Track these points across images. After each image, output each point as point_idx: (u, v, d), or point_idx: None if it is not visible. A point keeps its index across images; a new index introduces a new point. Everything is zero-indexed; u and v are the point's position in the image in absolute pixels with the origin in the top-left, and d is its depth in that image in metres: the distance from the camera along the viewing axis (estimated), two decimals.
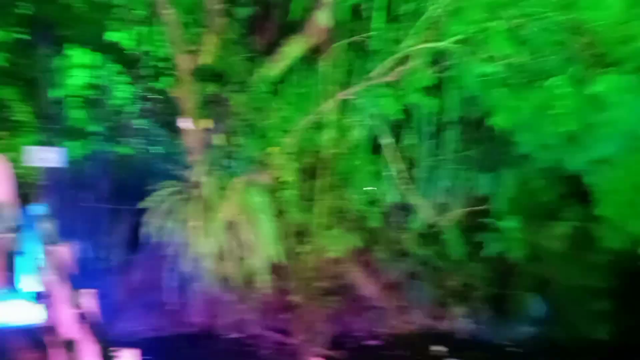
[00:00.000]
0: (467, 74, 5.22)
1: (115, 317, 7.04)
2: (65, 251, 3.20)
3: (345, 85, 6.06)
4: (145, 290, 8.62)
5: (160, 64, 7.74)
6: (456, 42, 4.87)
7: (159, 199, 5.46)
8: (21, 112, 9.82)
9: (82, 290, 2.35)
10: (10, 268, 4.67)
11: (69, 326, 2.71)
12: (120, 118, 8.50)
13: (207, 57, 5.04)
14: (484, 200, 7.74)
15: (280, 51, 6.17)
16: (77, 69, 9.39)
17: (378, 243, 7.30)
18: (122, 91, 9.02)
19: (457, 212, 7.34)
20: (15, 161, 11.07)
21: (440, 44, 4.94)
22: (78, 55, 9.41)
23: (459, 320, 7.74)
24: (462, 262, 7.56)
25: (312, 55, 6.17)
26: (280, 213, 6.13)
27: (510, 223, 7.37)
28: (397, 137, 6.73)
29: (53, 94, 8.52)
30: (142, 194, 8.62)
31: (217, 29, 5.07)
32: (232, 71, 5.55)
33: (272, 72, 6.26)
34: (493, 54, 4.79)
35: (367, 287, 7.31)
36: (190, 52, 5.10)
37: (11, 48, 9.09)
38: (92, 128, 8.71)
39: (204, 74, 5.35)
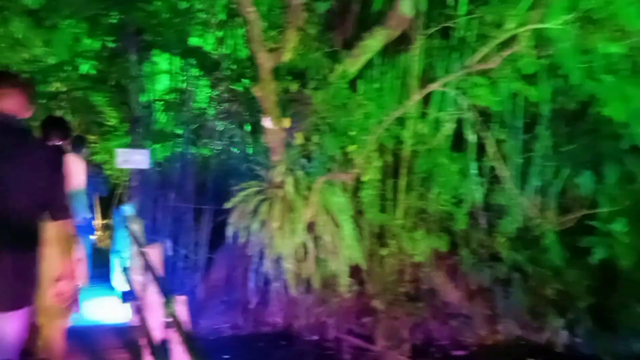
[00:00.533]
0: (572, 59, 4.65)
1: (197, 314, 7.18)
2: (156, 252, 3.18)
3: (431, 77, 5.69)
4: (226, 289, 8.77)
5: (240, 66, 7.83)
6: (566, 22, 4.34)
7: (241, 200, 5.43)
8: (111, 117, 10.42)
9: (174, 296, 2.24)
10: (94, 263, 4.80)
11: (159, 329, 2.65)
12: (202, 120, 8.70)
13: (287, 54, 4.92)
14: (584, 200, 7.00)
15: (361, 45, 5.93)
16: (162, 74, 9.77)
17: (464, 246, 6.82)
18: (203, 94, 9.26)
19: (554, 213, 6.68)
20: (107, 163, 11.83)
21: (548, 25, 4.42)
22: (163, 60, 9.79)
23: (556, 332, 7.04)
24: (559, 268, 6.87)
25: (395, 48, 5.87)
26: (360, 213, 5.90)
27: (616, 226, 6.60)
28: (488, 131, 6.23)
29: (140, 98, 8.94)
30: (224, 195, 8.81)
31: (298, 25, 4.94)
32: (313, 68, 5.40)
33: (353, 67, 6.03)
34: (615, 32, 4.18)
35: (452, 293, 6.86)
36: (271, 50, 5.00)
37: (100, 56, 9.63)
38: (176, 130, 9.03)
39: (285, 72, 5.25)
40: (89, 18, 8.31)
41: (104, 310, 5.08)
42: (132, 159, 8.05)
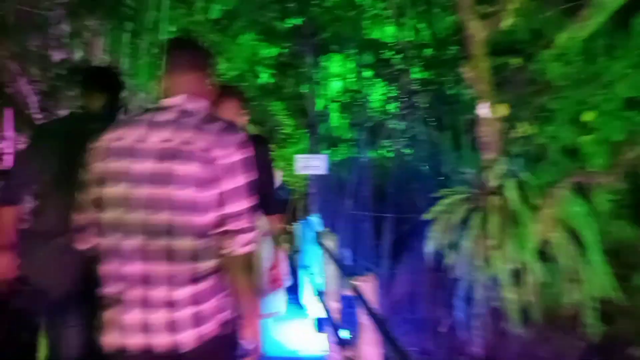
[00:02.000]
0: None
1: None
2: (369, 287, 2.36)
3: None
4: (410, 307, 7.89)
5: (423, 53, 6.82)
6: None
7: (444, 209, 4.38)
8: (287, 124, 10.36)
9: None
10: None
11: None
12: (380, 120, 7.92)
13: (508, 18, 3.76)
14: None
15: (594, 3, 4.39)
16: (335, 77, 9.31)
17: None
18: (379, 92, 8.50)
19: None
20: (283, 170, 11.96)
21: None
22: (335, 63, 9.34)
23: None
24: None
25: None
26: (611, 229, 4.36)
27: None
28: None
29: (316, 103, 8.55)
30: (407, 201, 7.89)
31: None
32: (537, 36, 4.12)
33: (581, 32, 4.50)
34: None
35: None
36: (485, 16, 3.89)
37: (277, 64, 9.56)
38: (351, 133, 8.43)
39: (501, 44, 4.08)
40: (265, 25, 8.19)
41: (294, 334, 4.50)
42: (310, 165, 7.70)
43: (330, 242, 3.57)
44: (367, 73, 8.05)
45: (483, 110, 3.94)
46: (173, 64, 1.62)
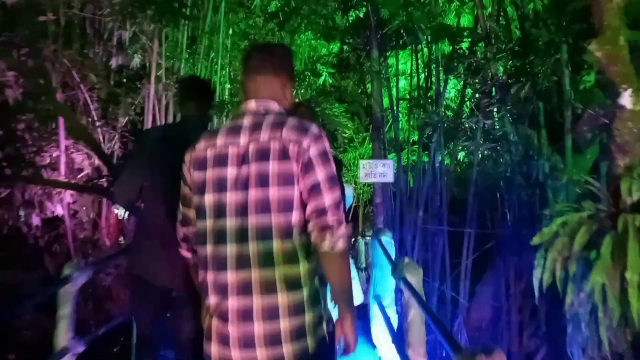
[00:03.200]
0: None
1: None
2: None
3: None
4: (492, 333, 6.83)
5: (511, 39, 5.75)
6: None
7: (556, 230, 3.37)
8: (347, 127, 9.55)
9: None
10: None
11: None
12: (458, 118, 6.90)
13: None
14: None
15: None
16: (401, 76, 8.42)
17: None
18: (456, 87, 7.48)
19: None
20: (344, 176, 11.09)
21: None
22: (405, 56, 8.46)
23: None
24: None
25: None
26: None
27: None
28: None
29: (383, 103, 7.65)
30: (494, 214, 6.82)
31: None
32: None
33: None
34: None
35: None
36: None
37: (338, 62, 8.81)
38: (420, 135, 7.47)
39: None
40: (325, 18, 7.41)
41: None
42: (376, 172, 6.85)
43: (415, 277, 2.70)
44: (440, 66, 7.07)
45: (625, 99, 2.91)
46: (253, 68, 1.64)
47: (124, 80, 10.45)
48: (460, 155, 7.39)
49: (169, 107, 9.77)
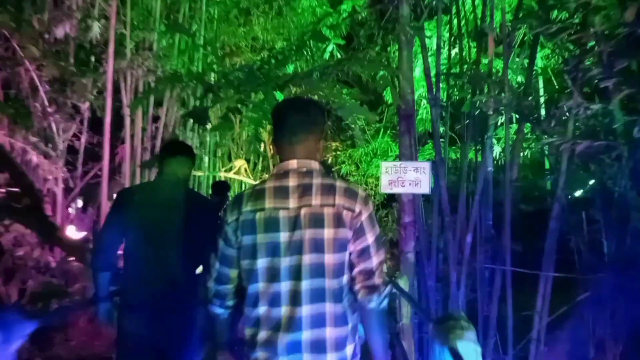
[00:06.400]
0: None
1: None
2: None
3: None
4: None
5: None
6: None
7: None
8: (373, 116, 7.39)
9: None
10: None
11: None
12: (525, 101, 4.59)
13: None
14: None
15: None
16: (433, 49, 6.12)
17: None
18: (520, 62, 5.20)
19: None
20: (353, 175, 8.95)
21: None
22: (432, 28, 6.34)
23: None
24: None
25: None
26: None
27: None
28: None
29: (412, 79, 5.28)
30: (587, 248, 4.46)
31: None
32: None
33: None
34: None
35: None
36: None
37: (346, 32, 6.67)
38: (471, 125, 5.12)
39: None
40: None
41: None
42: (405, 179, 4.63)
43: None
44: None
45: None
46: (289, 128, 1.70)
47: (89, 57, 8.46)
48: (528, 153, 5.05)
49: (138, 89, 7.73)
